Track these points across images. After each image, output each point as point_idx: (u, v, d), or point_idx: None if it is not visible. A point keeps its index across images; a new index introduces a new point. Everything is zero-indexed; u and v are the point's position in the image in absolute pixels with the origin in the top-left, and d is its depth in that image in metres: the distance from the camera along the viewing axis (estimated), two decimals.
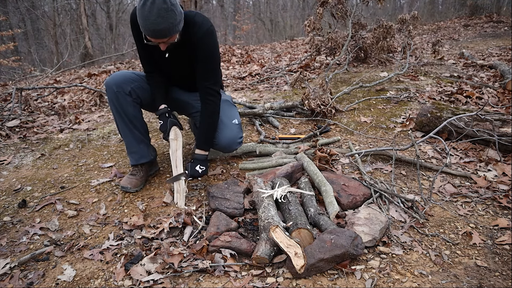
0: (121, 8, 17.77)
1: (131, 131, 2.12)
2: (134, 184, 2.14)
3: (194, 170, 2.04)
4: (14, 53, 12.65)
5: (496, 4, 12.34)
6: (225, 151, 2.29)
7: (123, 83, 2.05)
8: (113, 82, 2.05)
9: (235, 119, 2.20)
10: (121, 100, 2.05)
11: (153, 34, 1.75)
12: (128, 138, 2.14)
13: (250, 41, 14.93)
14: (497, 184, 2.03)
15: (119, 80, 2.05)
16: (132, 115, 2.09)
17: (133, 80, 2.10)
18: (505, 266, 1.47)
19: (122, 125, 2.11)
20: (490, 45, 6.47)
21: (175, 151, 2.01)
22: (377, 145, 2.61)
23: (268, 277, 1.45)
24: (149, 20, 1.69)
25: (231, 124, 2.17)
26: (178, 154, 2.01)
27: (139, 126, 2.15)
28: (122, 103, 2.05)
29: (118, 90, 2.03)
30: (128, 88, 2.06)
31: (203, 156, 2.11)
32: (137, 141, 2.15)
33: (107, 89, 2.06)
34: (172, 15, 1.72)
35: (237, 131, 2.18)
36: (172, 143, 2.02)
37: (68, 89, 4.86)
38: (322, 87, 3.27)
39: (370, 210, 1.72)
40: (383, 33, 4.78)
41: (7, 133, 3.14)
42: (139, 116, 2.15)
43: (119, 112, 2.07)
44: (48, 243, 1.75)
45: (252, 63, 6.24)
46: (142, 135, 2.18)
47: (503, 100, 3.27)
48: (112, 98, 2.05)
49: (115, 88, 2.03)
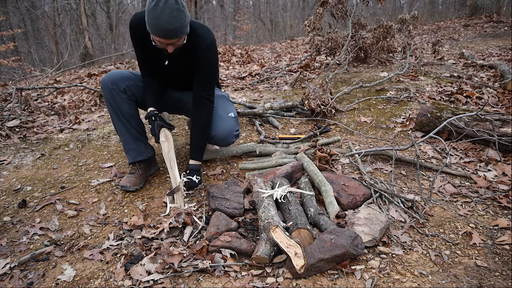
0: (121, 8, 17.78)
1: (127, 129, 2.13)
2: (133, 182, 2.14)
3: (192, 181, 2.06)
4: (14, 53, 12.65)
5: (496, 4, 12.33)
6: (222, 143, 2.29)
7: (118, 81, 2.07)
8: (108, 79, 2.07)
9: (231, 112, 2.21)
10: (116, 97, 2.06)
11: (164, 34, 1.74)
12: (125, 136, 2.14)
13: (250, 41, 14.92)
14: (497, 184, 2.03)
15: (114, 78, 2.07)
16: (127, 113, 2.10)
17: (129, 78, 2.11)
18: (505, 266, 1.47)
19: (118, 123, 2.12)
20: (490, 45, 6.47)
21: (167, 153, 2.01)
22: (377, 145, 2.61)
23: (268, 277, 1.45)
24: (161, 20, 1.68)
25: (228, 117, 2.17)
26: (171, 155, 2.01)
27: (135, 124, 2.15)
28: (117, 100, 2.06)
29: (113, 87, 2.05)
30: (123, 85, 2.07)
31: (197, 166, 2.13)
32: (133, 139, 2.15)
33: (102, 87, 2.07)
34: (183, 16, 1.73)
35: (234, 123, 2.19)
36: (163, 145, 2.02)
37: (68, 89, 4.86)
38: (322, 87, 3.27)
39: (370, 210, 1.72)
40: (383, 33, 4.78)
41: (7, 133, 3.14)
42: (135, 114, 2.15)
43: (115, 110, 2.08)
44: (48, 243, 1.75)
45: (252, 63, 6.24)
46: (139, 133, 2.18)
47: (503, 100, 3.27)
48: (107, 96, 2.07)
49: (110, 85, 2.05)
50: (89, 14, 15.33)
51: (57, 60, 9.62)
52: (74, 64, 10.29)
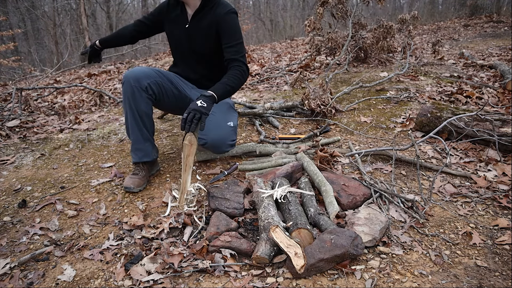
0: (121, 8, 17.78)
1: (140, 128, 2.12)
2: (137, 183, 2.14)
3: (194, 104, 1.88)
4: (14, 53, 12.64)
5: (496, 4, 12.33)
6: (215, 150, 2.27)
7: (141, 78, 2.06)
8: (131, 76, 2.05)
9: (231, 121, 2.21)
10: (136, 95, 2.05)
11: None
12: (136, 134, 2.14)
13: (250, 41, 14.92)
14: (497, 184, 2.03)
15: (137, 75, 2.06)
16: (143, 112, 2.10)
17: (151, 76, 2.11)
18: (505, 266, 1.47)
19: (131, 121, 2.11)
20: (490, 45, 6.47)
21: (186, 156, 1.97)
22: (377, 145, 2.61)
23: (268, 277, 1.45)
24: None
25: (226, 125, 2.17)
26: (189, 160, 1.97)
27: (148, 125, 2.15)
28: (136, 98, 2.06)
29: (135, 85, 2.04)
30: (145, 83, 2.06)
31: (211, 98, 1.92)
32: (144, 139, 2.16)
33: (124, 82, 2.06)
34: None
35: (230, 133, 2.18)
36: (185, 148, 1.97)
37: (68, 89, 4.86)
38: (322, 87, 3.27)
39: (370, 210, 1.72)
40: (383, 33, 4.78)
41: (7, 133, 3.14)
42: (149, 114, 2.16)
43: (132, 107, 2.07)
44: (48, 243, 1.75)
45: (252, 63, 6.24)
46: (149, 134, 2.18)
47: (503, 100, 3.27)
48: (127, 92, 2.05)
49: (133, 82, 2.04)
50: (89, 14, 15.32)
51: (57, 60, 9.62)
52: (74, 64, 10.29)
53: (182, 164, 1.98)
